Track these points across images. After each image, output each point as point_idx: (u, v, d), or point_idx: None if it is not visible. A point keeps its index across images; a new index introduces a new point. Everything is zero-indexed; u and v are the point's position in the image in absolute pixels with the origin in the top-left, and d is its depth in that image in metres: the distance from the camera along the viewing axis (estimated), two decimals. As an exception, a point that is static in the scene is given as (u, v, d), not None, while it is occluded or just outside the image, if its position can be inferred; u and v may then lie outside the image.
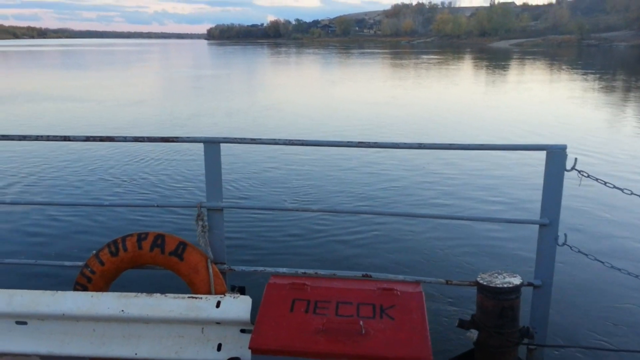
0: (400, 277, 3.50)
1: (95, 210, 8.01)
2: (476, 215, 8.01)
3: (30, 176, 10.44)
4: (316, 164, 11.38)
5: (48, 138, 3.90)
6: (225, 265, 3.75)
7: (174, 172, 10.77)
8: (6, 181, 10.10)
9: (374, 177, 10.34)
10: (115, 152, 12.27)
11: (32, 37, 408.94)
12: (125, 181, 10.14)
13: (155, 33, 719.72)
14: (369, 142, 3.62)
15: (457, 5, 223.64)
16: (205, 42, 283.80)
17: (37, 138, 3.89)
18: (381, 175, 10.44)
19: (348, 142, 3.65)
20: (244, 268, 3.82)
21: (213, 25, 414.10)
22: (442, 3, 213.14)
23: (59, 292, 3.40)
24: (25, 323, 3.40)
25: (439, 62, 58.10)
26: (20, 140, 4.01)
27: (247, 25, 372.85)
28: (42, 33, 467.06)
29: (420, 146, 3.59)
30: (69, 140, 3.88)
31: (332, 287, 3.05)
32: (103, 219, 7.87)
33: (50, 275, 5.67)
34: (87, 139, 3.82)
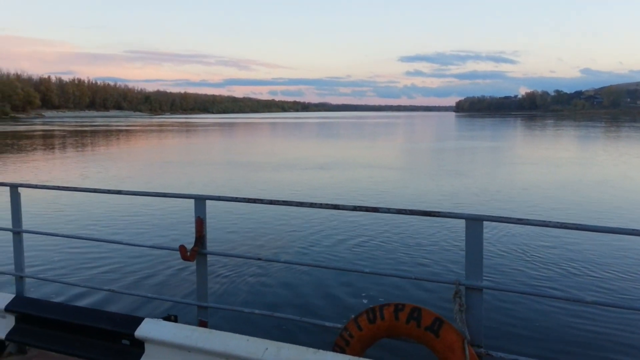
0: None
1: (356, 276, 8.50)
2: None
3: (303, 239, 11.55)
4: (594, 251, 10.24)
5: (321, 206, 4.27)
6: (482, 349, 3.53)
7: (432, 246, 10.79)
8: (286, 243, 11.35)
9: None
10: (379, 221, 12.76)
11: (297, 110, 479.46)
12: (385, 250, 10.54)
13: (404, 106, 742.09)
14: None
15: None
16: (453, 114, 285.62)
17: (312, 205, 4.29)
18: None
19: (633, 230, 3.15)
20: (502, 355, 3.53)
21: (462, 98, 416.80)
22: None
23: (321, 350, 3.58)
24: None
25: None
26: (297, 206, 4.45)
27: (499, 97, 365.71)
28: (305, 107, 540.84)
29: None
30: (339, 208, 4.18)
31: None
32: (362, 284, 8.29)
33: (310, 332, 6.12)
34: (355, 208, 4.07)
